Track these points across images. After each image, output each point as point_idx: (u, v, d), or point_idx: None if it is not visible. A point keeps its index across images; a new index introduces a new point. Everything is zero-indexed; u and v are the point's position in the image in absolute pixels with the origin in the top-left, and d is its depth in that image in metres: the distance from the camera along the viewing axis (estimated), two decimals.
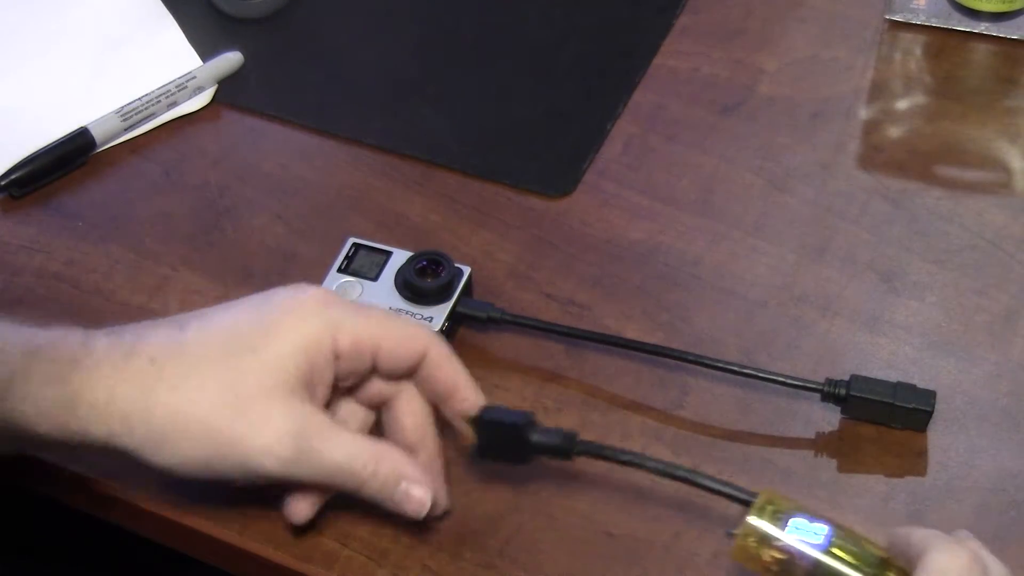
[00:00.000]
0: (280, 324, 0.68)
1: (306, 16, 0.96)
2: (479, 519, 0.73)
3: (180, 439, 0.67)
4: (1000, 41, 0.92)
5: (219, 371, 0.67)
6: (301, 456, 0.67)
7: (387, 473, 0.69)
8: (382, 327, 0.70)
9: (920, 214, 0.84)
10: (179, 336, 0.68)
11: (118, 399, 0.67)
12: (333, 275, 0.80)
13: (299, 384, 0.68)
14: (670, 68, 0.92)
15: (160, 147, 0.89)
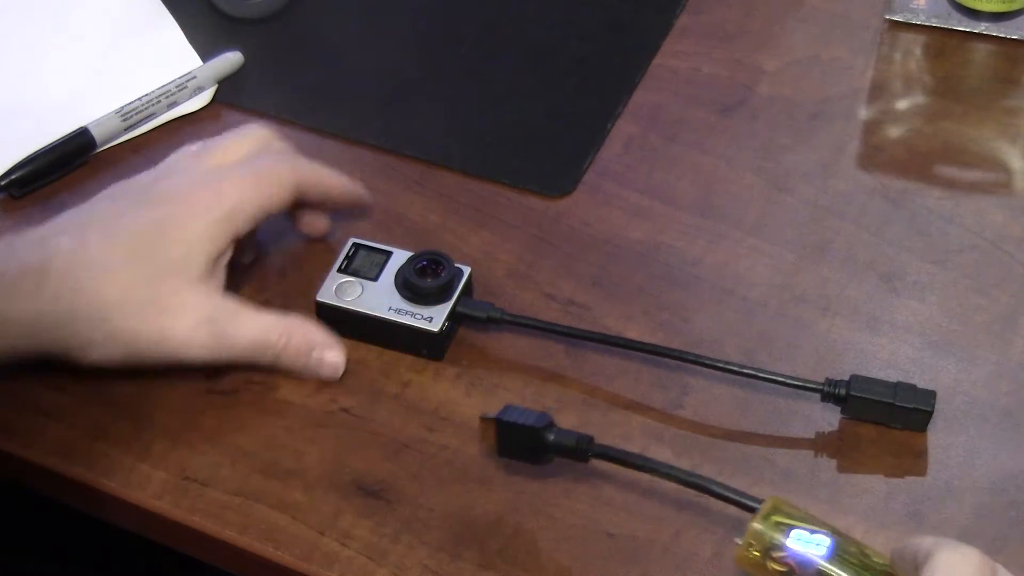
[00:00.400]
0: (180, 228, 0.75)
1: (306, 16, 0.96)
2: (479, 519, 0.73)
3: (106, 344, 0.74)
4: (1000, 41, 0.92)
5: (130, 280, 0.74)
6: (217, 341, 0.75)
7: (299, 343, 0.77)
8: (265, 192, 0.77)
9: (920, 214, 0.84)
10: (84, 250, 0.74)
11: (42, 319, 0.73)
12: (333, 275, 0.80)
13: (205, 275, 0.75)
14: (670, 68, 0.92)
15: (160, 147, 0.89)
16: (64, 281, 0.73)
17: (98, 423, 0.78)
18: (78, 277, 0.74)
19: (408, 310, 0.78)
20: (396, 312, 0.79)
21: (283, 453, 0.76)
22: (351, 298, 0.79)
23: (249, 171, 0.78)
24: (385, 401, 0.78)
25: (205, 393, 0.79)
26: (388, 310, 0.78)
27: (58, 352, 0.75)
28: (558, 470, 0.74)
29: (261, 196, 0.77)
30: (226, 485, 0.75)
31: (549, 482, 0.74)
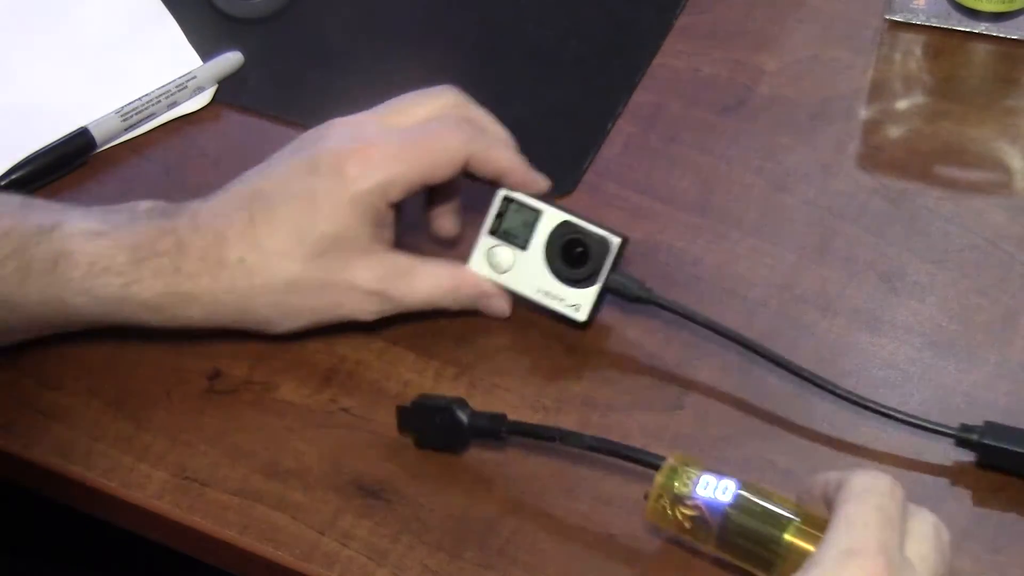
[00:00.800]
0: (334, 202, 0.76)
1: (306, 16, 0.96)
2: (479, 519, 0.73)
3: (284, 320, 0.78)
4: (1000, 41, 0.92)
5: (297, 261, 0.76)
6: (390, 302, 0.78)
7: (468, 294, 0.79)
8: (423, 163, 0.77)
9: (920, 214, 0.84)
10: (253, 232, 0.76)
11: (223, 304, 0.77)
12: (484, 238, 0.80)
13: (369, 241, 0.77)
14: (670, 68, 0.92)
15: (160, 147, 0.89)
16: (238, 268, 0.76)
17: (98, 423, 0.78)
18: (251, 264, 0.76)
19: (556, 294, 0.79)
20: (545, 295, 0.79)
21: (283, 453, 0.76)
22: (502, 270, 0.79)
23: (413, 140, 0.78)
24: (385, 401, 0.78)
25: (205, 393, 0.79)
26: (536, 292, 0.79)
27: (242, 328, 0.78)
28: (558, 469, 0.74)
29: (418, 168, 0.77)
30: (226, 485, 0.75)
31: (549, 482, 0.74)
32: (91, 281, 0.76)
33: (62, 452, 0.77)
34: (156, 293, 0.76)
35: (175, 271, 0.76)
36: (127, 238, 0.76)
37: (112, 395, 0.79)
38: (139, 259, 0.76)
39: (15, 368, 0.80)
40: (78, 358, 0.80)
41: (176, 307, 0.76)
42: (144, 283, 0.76)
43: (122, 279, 0.76)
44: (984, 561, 0.70)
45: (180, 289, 0.76)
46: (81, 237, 0.76)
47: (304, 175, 0.77)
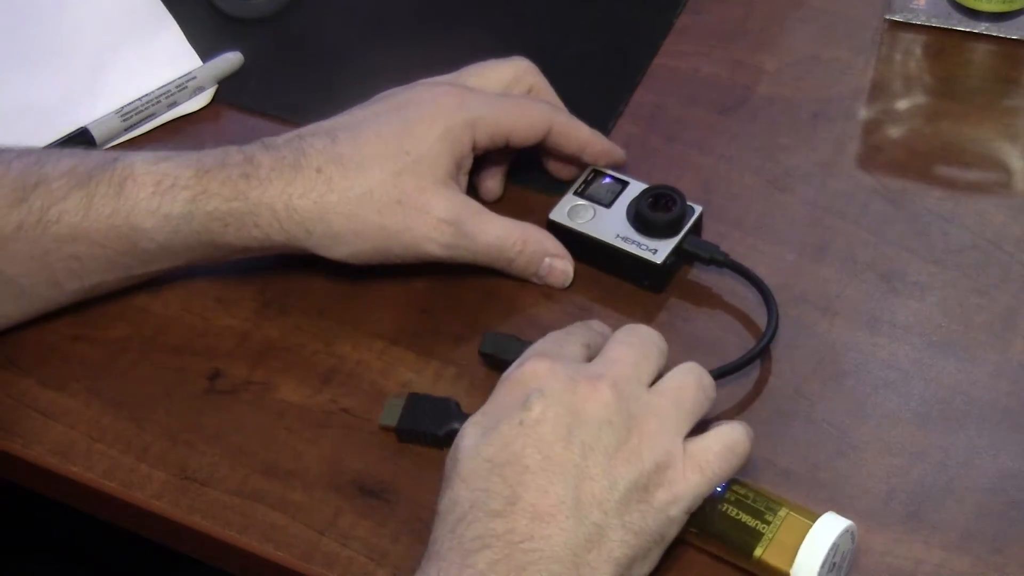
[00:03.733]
0: (424, 127, 0.77)
1: (306, 16, 0.96)
2: None
3: (354, 237, 0.77)
4: (1000, 41, 0.92)
5: (379, 175, 0.76)
6: (458, 240, 0.78)
7: (533, 251, 0.80)
8: (511, 116, 0.79)
9: (920, 214, 0.84)
10: (334, 147, 0.77)
11: (295, 209, 0.76)
12: (569, 196, 0.82)
13: (448, 177, 0.78)
14: (670, 68, 0.92)
15: (160, 147, 0.89)
16: (315, 176, 0.76)
17: (98, 423, 0.78)
18: (329, 173, 0.76)
19: (635, 239, 0.80)
20: (623, 240, 0.80)
21: (283, 453, 0.76)
22: (582, 221, 0.81)
23: (504, 97, 0.81)
24: (385, 401, 0.78)
25: (205, 393, 0.79)
26: (615, 237, 0.80)
27: (308, 245, 0.77)
28: None
29: (507, 120, 0.79)
30: (226, 485, 0.75)
31: None
32: (158, 199, 0.76)
33: (62, 452, 0.77)
34: (224, 199, 0.76)
35: (244, 177, 0.76)
36: (192, 156, 0.77)
37: (112, 395, 0.79)
38: (205, 171, 0.76)
39: (15, 368, 0.80)
40: (78, 358, 0.80)
41: (245, 216, 0.76)
42: (211, 191, 0.76)
43: (188, 192, 0.76)
44: (984, 561, 0.70)
45: (250, 195, 0.76)
46: (145, 162, 0.77)
47: (395, 110, 0.79)
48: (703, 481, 0.67)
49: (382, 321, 0.81)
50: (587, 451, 0.66)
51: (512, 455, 0.66)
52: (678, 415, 0.68)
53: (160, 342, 0.81)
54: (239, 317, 0.81)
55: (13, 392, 0.79)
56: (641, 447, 0.66)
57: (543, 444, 0.66)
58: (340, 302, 0.81)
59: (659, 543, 0.67)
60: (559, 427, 0.66)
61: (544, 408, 0.67)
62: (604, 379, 0.68)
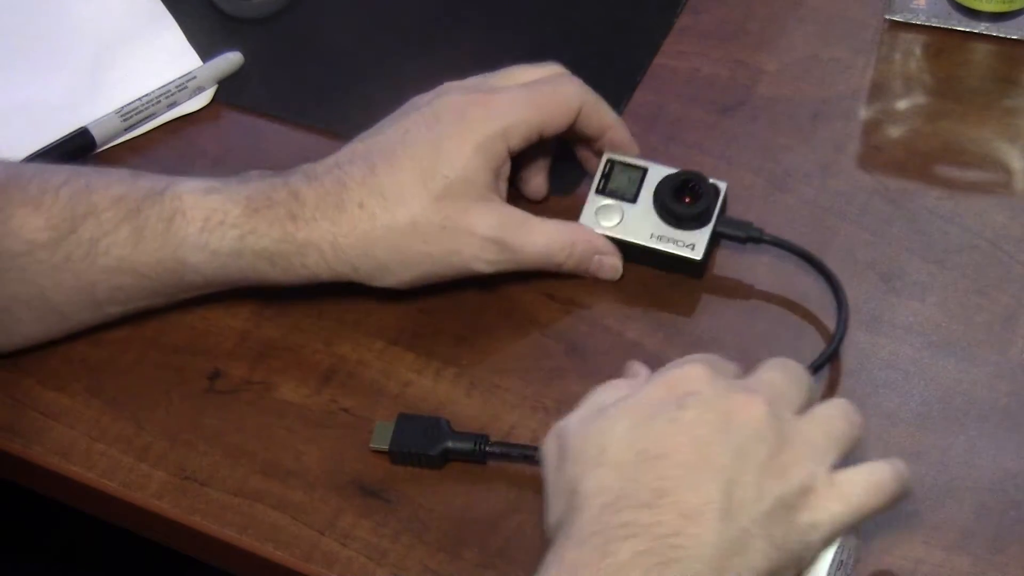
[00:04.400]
0: (457, 145, 0.77)
1: (306, 16, 0.96)
2: (479, 519, 0.73)
3: (401, 268, 0.77)
4: (1000, 41, 0.92)
5: (420, 203, 0.76)
6: (506, 255, 0.78)
7: (582, 252, 0.80)
8: (542, 109, 0.79)
9: (920, 214, 0.84)
10: (373, 178, 0.77)
11: (341, 249, 0.76)
12: (592, 197, 0.82)
13: (487, 189, 0.78)
14: (670, 68, 0.92)
15: (160, 147, 0.89)
16: (358, 212, 0.76)
17: (98, 423, 0.78)
18: (371, 208, 0.76)
19: (670, 237, 0.80)
20: (658, 240, 0.80)
21: (283, 453, 0.76)
22: (611, 223, 0.81)
23: (529, 90, 0.80)
24: (385, 401, 0.78)
25: (205, 393, 0.79)
26: (650, 237, 0.80)
27: (355, 279, 0.78)
28: None
29: (538, 115, 0.79)
30: (226, 485, 0.75)
31: None
32: (207, 236, 0.76)
33: (62, 452, 0.77)
34: (273, 240, 0.76)
35: (291, 218, 0.76)
36: (241, 192, 0.77)
37: (112, 395, 0.79)
38: (254, 210, 0.76)
39: (15, 368, 0.80)
40: (78, 358, 0.80)
41: (292, 256, 0.76)
42: (260, 232, 0.76)
43: (237, 231, 0.76)
44: (984, 561, 0.70)
45: (297, 236, 0.76)
46: (194, 195, 0.77)
47: (426, 127, 0.78)
48: (845, 512, 0.65)
49: (382, 321, 0.81)
50: (740, 458, 0.64)
51: (665, 449, 0.65)
52: (826, 443, 0.66)
53: (160, 342, 0.81)
54: (239, 317, 0.81)
55: (13, 392, 0.79)
56: (789, 466, 0.65)
57: (698, 443, 0.65)
58: (340, 302, 0.81)
59: (795, 565, 0.65)
60: (714, 430, 0.65)
61: (700, 411, 0.65)
62: (759, 395, 0.66)
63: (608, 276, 0.81)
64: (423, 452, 0.74)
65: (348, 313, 0.81)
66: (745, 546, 0.63)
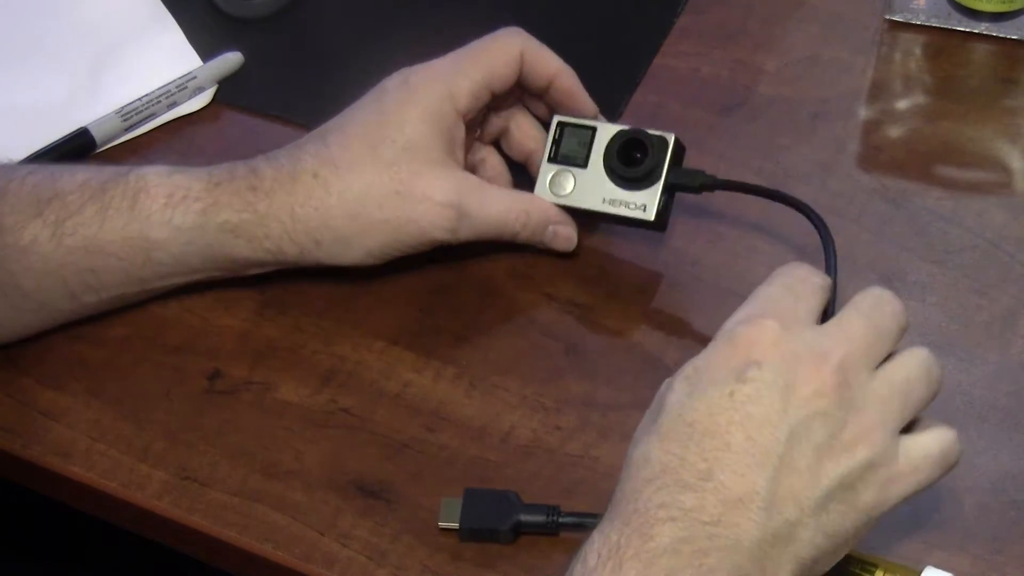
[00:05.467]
0: (403, 111, 0.78)
1: (306, 16, 0.96)
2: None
3: (361, 237, 0.77)
4: (1000, 41, 0.92)
5: (372, 170, 0.77)
6: (464, 220, 0.78)
7: (537, 220, 0.80)
8: (482, 62, 0.79)
9: (920, 214, 0.84)
10: (326, 151, 0.78)
11: (299, 219, 0.77)
12: (545, 166, 0.82)
13: (442, 154, 0.78)
14: (670, 68, 0.92)
15: (160, 147, 0.89)
16: (312, 182, 0.77)
17: (98, 423, 0.78)
18: (324, 177, 0.77)
19: (621, 200, 0.80)
20: (611, 203, 0.80)
21: (283, 453, 0.76)
22: (565, 192, 0.81)
23: (469, 48, 0.80)
24: (385, 401, 0.78)
25: (205, 393, 0.79)
26: (603, 202, 0.80)
27: (319, 256, 0.78)
28: (557, 469, 0.74)
29: (479, 69, 0.79)
30: (226, 485, 0.75)
31: (549, 481, 0.74)
32: (171, 211, 0.77)
33: (62, 452, 0.77)
34: (234, 211, 0.77)
35: (251, 189, 0.77)
36: (203, 170, 0.78)
37: (112, 395, 0.79)
38: (215, 184, 0.77)
39: (15, 368, 0.80)
40: (78, 358, 0.80)
41: (255, 227, 0.77)
42: (221, 203, 0.77)
43: (200, 204, 0.77)
44: (984, 561, 0.70)
45: (258, 207, 0.77)
46: (157, 175, 0.78)
47: (374, 100, 0.80)
48: (914, 483, 0.64)
49: (382, 321, 0.81)
50: (795, 441, 0.62)
51: (715, 427, 0.62)
52: (901, 410, 0.64)
53: (160, 342, 0.81)
54: (239, 317, 0.82)
55: (13, 392, 0.79)
56: (856, 442, 0.62)
57: (750, 424, 0.62)
58: (340, 302, 0.81)
59: (850, 543, 0.64)
60: (771, 410, 0.62)
61: (759, 386, 0.62)
62: (830, 361, 0.63)
63: (562, 247, 0.82)
64: (495, 528, 0.72)
65: (348, 313, 0.81)
66: (791, 537, 0.62)
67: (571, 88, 0.82)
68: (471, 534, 0.72)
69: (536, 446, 0.75)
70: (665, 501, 0.61)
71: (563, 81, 0.81)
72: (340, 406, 0.78)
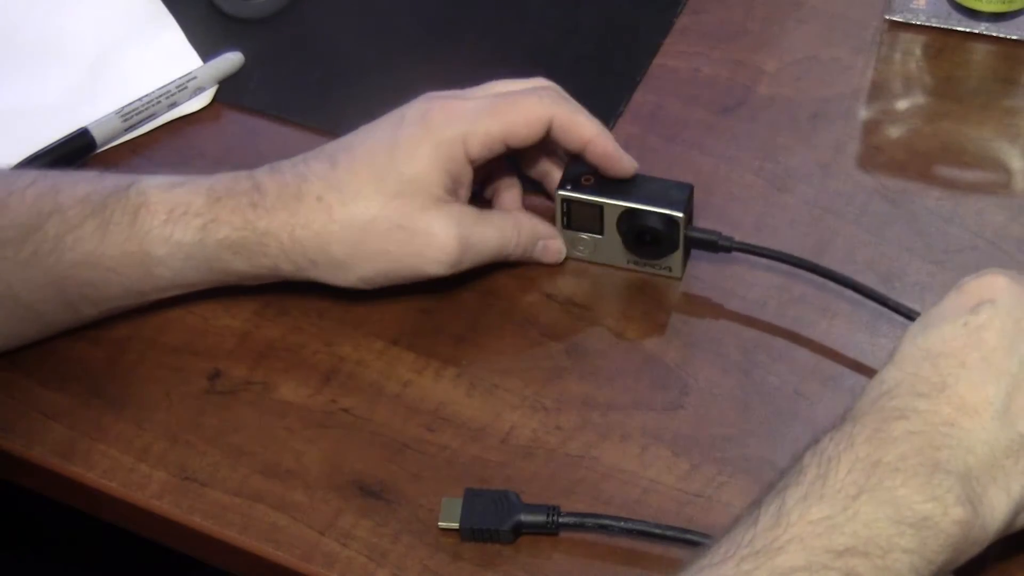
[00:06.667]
0: (414, 145, 0.77)
1: (306, 16, 0.96)
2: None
3: (359, 264, 0.77)
4: (1000, 41, 0.92)
5: (378, 201, 0.76)
6: (464, 254, 0.78)
7: (527, 238, 0.81)
8: (505, 119, 0.78)
9: (920, 214, 0.84)
10: (333, 173, 0.77)
11: (299, 240, 0.77)
12: (560, 231, 0.82)
13: (445, 192, 0.77)
14: (670, 68, 0.92)
15: (161, 147, 0.89)
16: (316, 205, 0.76)
17: (98, 423, 0.78)
18: (329, 202, 0.76)
19: (645, 262, 0.81)
20: (635, 263, 0.82)
21: (283, 453, 0.76)
22: (585, 253, 0.83)
23: (495, 100, 0.79)
24: (385, 401, 0.78)
25: (205, 393, 0.79)
26: (627, 262, 0.82)
27: (314, 275, 0.78)
28: (556, 469, 0.74)
29: (499, 124, 0.78)
30: (226, 485, 0.75)
31: (549, 481, 0.74)
32: (171, 227, 0.77)
33: (62, 452, 0.77)
34: (234, 228, 0.76)
35: (252, 206, 0.77)
36: (203, 184, 0.78)
37: (112, 395, 0.79)
38: (216, 199, 0.77)
39: (15, 368, 0.80)
40: (78, 358, 0.80)
41: (254, 245, 0.77)
42: (221, 220, 0.76)
43: (200, 219, 0.77)
44: (984, 561, 0.70)
45: (258, 225, 0.76)
46: (158, 189, 0.78)
47: (390, 127, 0.79)
48: None
49: (382, 321, 0.81)
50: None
51: (950, 349, 0.66)
52: None
53: (160, 342, 0.81)
54: (239, 317, 0.82)
55: (13, 392, 0.79)
56: None
57: (984, 347, 0.65)
58: (340, 302, 0.81)
59: None
60: (1004, 337, 0.66)
61: (992, 316, 0.66)
62: None
63: (552, 260, 0.82)
64: (495, 528, 0.72)
65: (348, 313, 0.81)
66: (1020, 452, 0.64)
67: (606, 152, 0.80)
68: (471, 534, 0.72)
69: (536, 446, 0.75)
70: (900, 405, 0.64)
71: (597, 147, 0.80)
72: (340, 406, 0.78)
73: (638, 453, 0.75)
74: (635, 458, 0.75)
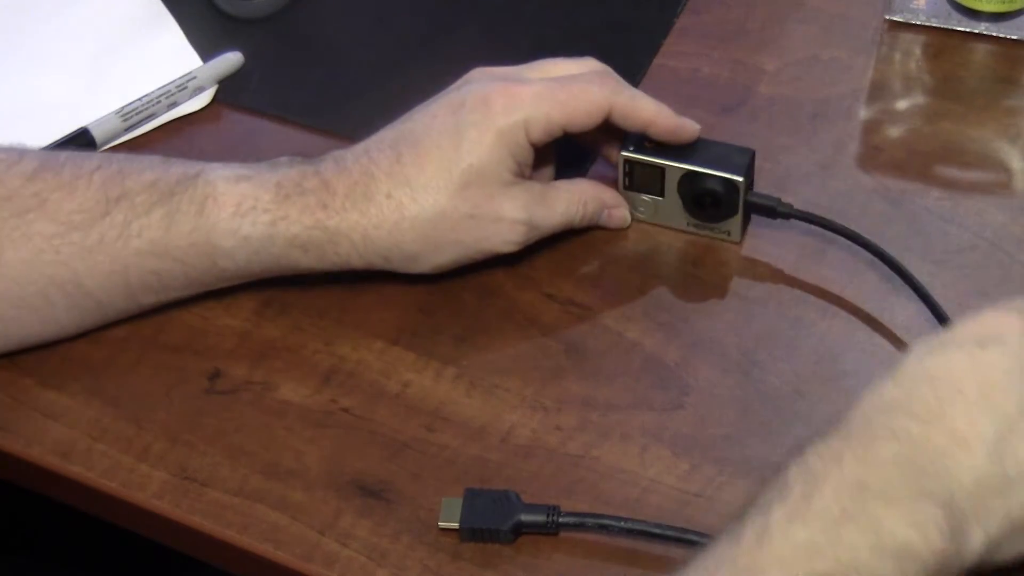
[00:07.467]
0: (479, 133, 0.77)
1: (306, 16, 0.96)
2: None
3: (432, 255, 0.79)
4: (1000, 41, 0.92)
5: (447, 193, 0.77)
6: (535, 230, 0.80)
7: (593, 208, 0.83)
8: (566, 107, 0.78)
9: (920, 214, 0.84)
10: (400, 168, 0.77)
11: (372, 240, 0.77)
12: (622, 192, 0.84)
13: (511, 174, 0.78)
14: (670, 68, 0.92)
15: (160, 147, 0.89)
16: (386, 203, 0.77)
17: (98, 423, 0.78)
18: (399, 198, 0.77)
19: (704, 225, 0.82)
20: (695, 226, 0.83)
21: (283, 453, 0.76)
22: (645, 214, 0.84)
23: (559, 85, 0.79)
24: (385, 401, 0.78)
25: (205, 393, 0.79)
26: (687, 224, 0.83)
27: (386, 268, 0.79)
28: (556, 469, 0.74)
29: (561, 112, 0.78)
30: (226, 485, 0.75)
31: (549, 481, 0.74)
32: (239, 220, 0.77)
33: (62, 452, 0.77)
34: (304, 227, 0.77)
35: (322, 207, 0.77)
36: (271, 179, 0.77)
37: (112, 395, 0.79)
38: (285, 196, 0.77)
39: (15, 368, 0.80)
40: (78, 358, 0.80)
41: (325, 244, 0.77)
42: (291, 219, 0.77)
43: (269, 215, 0.77)
44: (983, 560, 0.70)
45: (328, 224, 0.77)
46: (225, 181, 0.77)
47: (450, 113, 0.78)
48: None
49: (382, 321, 0.81)
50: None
51: (951, 375, 0.65)
52: None
53: (160, 342, 0.81)
54: (239, 317, 0.82)
55: (13, 392, 0.79)
56: None
57: (984, 381, 0.64)
58: (340, 302, 0.81)
59: None
60: (1006, 377, 0.64)
61: (997, 355, 0.65)
62: None
63: (617, 226, 0.84)
64: (496, 528, 0.72)
65: (348, 313, 0.81)
66: (1007, 491, 0.63)
67: (667, 128, 0.81)
68: (471, 534, 0.72)
69: (536, 446, 0.75)
70: (892, 425, 0.63)
71: (659, 126, 0.81)
72: (340, 406, 0.78)
73: (638, 453, 0.75)
74: (635, 458, 0.75)
